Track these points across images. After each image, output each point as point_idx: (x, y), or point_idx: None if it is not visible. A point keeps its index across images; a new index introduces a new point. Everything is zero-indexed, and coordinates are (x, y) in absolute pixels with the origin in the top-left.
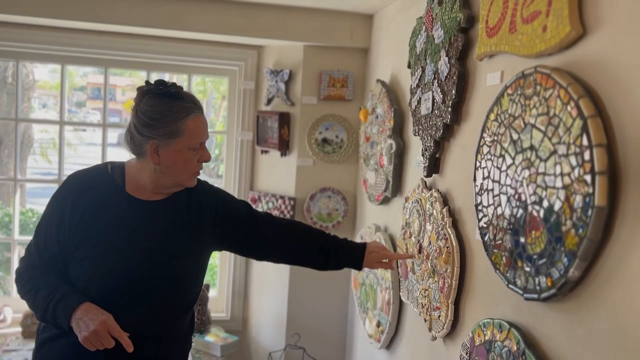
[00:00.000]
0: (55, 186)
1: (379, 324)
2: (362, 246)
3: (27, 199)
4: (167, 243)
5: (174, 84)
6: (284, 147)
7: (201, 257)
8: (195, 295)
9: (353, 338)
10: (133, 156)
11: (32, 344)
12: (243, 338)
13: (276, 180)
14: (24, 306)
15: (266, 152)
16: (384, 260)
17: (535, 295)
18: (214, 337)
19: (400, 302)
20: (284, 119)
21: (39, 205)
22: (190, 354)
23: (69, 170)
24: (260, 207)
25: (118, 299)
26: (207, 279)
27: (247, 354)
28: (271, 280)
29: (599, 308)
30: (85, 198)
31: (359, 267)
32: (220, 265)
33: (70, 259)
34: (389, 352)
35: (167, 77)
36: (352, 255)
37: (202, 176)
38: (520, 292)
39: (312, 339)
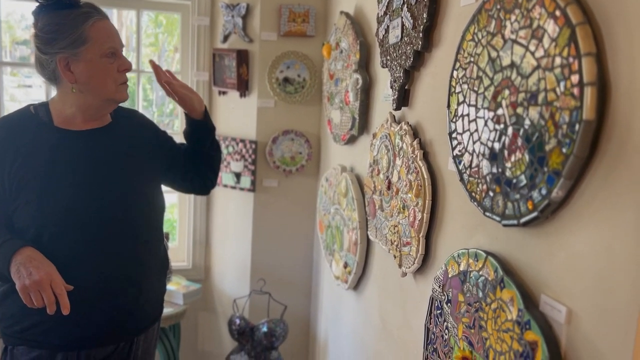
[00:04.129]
0: None
1: (346, 265)
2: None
3: None
4: (110, 172)
5: None
6: (243, 87)
7: (149, 186)
8: (151, 228)
9: (319, 281)
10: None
11: None
12: (206, 286)
13: (236, 123)
14: None
15: (224, 93)
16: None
17: (515, 221)
18: (176, 286)
19: (368, 241)
20: (242, 57)
21: None
22: None
23: None
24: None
25: (71, 238)
26: (166, 229)
27: (211, 302)
28: (233, 227)
29: (583, 229)
30: (13, 143)
31: (194, 120)
32: (180, 214)
33: (14, 208)
34: (357, 293)
35: (114, 13)
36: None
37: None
38: (498, 219)
39: (277, 284)
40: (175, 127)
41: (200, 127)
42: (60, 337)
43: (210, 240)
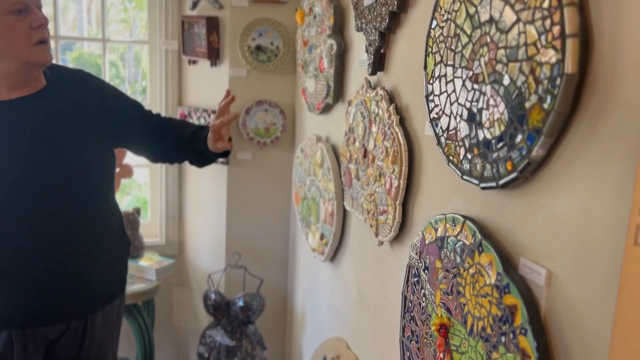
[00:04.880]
0: None
1: (322, 237)
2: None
3: None
4: (43, 141)
5: None
6: (214, 56)
7: (93, 153)
8: (97, 199)
9: (296, 254)
10: None
11: None
12: (180, 261)
13: (207, 94)
14: None
15: (194, 62)
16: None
17: (493, 184)
18: (149, 262)
19: (344, 211)
20: (213, 25)
21: None
22: None
23: None
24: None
25: (6, 213)
26: (137, 204)
27: (185, 277)
28: (207, 202)
29: (564, 188)
30: None
31: (213, 155)
32: (152, 189)
33: None
34: (334, 264)
35: None
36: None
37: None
38: (476, 182)
39: (253, 258)
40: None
41: (214, 156)
42: (3, 313)
43: (184, 215)
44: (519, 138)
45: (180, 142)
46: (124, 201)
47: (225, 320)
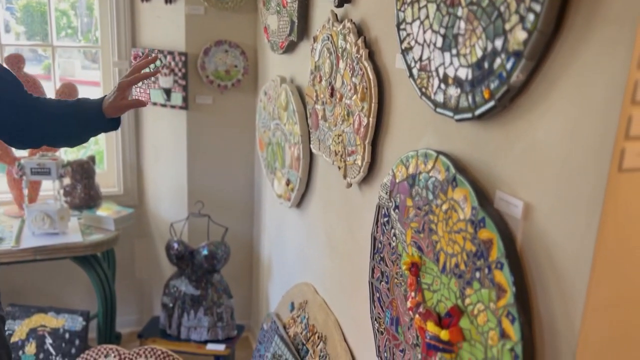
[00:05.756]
0: None
1: (288, 182)
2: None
3: None
4: None
5: None
6: None
7: None
8: None
9: (261, 201)
10: None
11: None
12: (141, 211)
13: (163, 33)
14: None
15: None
16: (128, 99)
17: (469, 114)
18: (107, 211)
19: (311, 155)
20: None
21: None
22: (79, 230)
23: None
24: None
25: None
26: (91, 151)
27: (146, 227)
28: (166, 149)
29: (544, 115)
30: None
31: (104, 119)
32: (107, 137)
33: None
34: (301, 210)
35: None
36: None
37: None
38: (451, 114)
39: (217, 206)
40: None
41: (105, 123)
42: None
43: (142, 163)
44: (497, 63)
45: (56, 115)
46: (79, 155)
47: (189, 270)
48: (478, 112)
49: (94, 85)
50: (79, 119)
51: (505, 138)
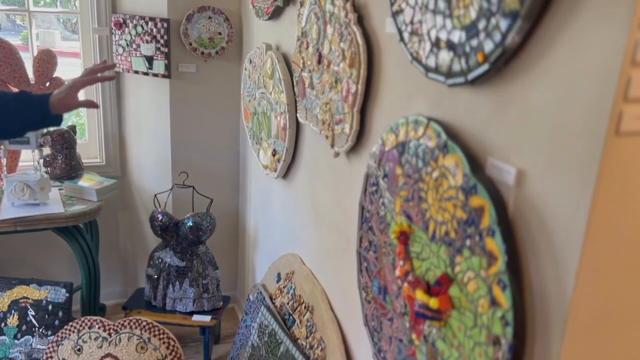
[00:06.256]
0: None
1: (274, 153)
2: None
3: None
4: None
5: None
6: None
7: None
8: None
9: (246, 172)
10: None
11: None
12: (124, 183)
13: None
14: None
15: None
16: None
17: (462, 79)
18: (89, 182)
19: (298, 124)
20: None
21: None
22: (61, 201)
23: None
24: (128, 33)
25: None
26: (72, 121)
27: (129, 198)
28: (149, 118)
29: (539, 78)
30: None
31: (48, 114)
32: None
33: None
34: (287, 181)
35: None
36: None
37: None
38: (443, 79)
39: (201, 177)
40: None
41: (48, 118)
42: None
43: (124, 133)
44: (492, 24)
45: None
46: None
47: (174, 242)
48: (471, 76)
49: (74, 56)
50: (19, 111)
51: (499, 103)
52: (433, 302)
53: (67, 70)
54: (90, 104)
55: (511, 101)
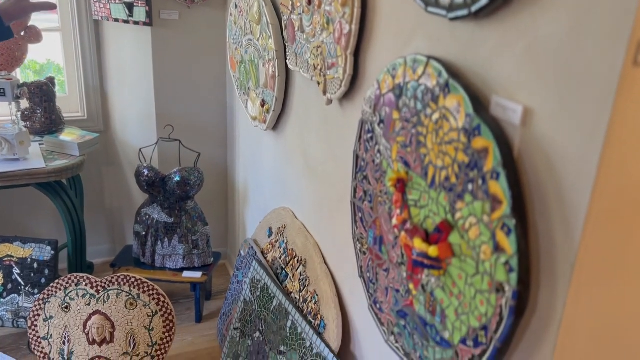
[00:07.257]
0: None
1: (263, 103)
2: None
3: None
4: None
5: None
6: None
7: None
8: None
9: (235, 124)
10: None
11: None
12: (107, 137)
13: None
14: None
15: None
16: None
17: (465, 11)
18: (70, 136)
19: (287, 71)
20: None
21: None
22: (42, 155)
23: None
24: None
25: None
26: (51, 73)
27: (113, 152)
28: (131, 69)
29: (549, 7)
30: None
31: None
32: (66, 57)
33: None
34: (277, 132)
35: None
36: None
37: None
38: (444, 12)
39: (188, 130)
40: None
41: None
42: None
43: (106, 85)
44: None
45: None
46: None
47: (161, 197)
48: (475, 7)
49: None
50: None
51: (504, 36)
52: (432, 250)
53: (43, 19)
54: (48, 6)
55: (518, 34)
